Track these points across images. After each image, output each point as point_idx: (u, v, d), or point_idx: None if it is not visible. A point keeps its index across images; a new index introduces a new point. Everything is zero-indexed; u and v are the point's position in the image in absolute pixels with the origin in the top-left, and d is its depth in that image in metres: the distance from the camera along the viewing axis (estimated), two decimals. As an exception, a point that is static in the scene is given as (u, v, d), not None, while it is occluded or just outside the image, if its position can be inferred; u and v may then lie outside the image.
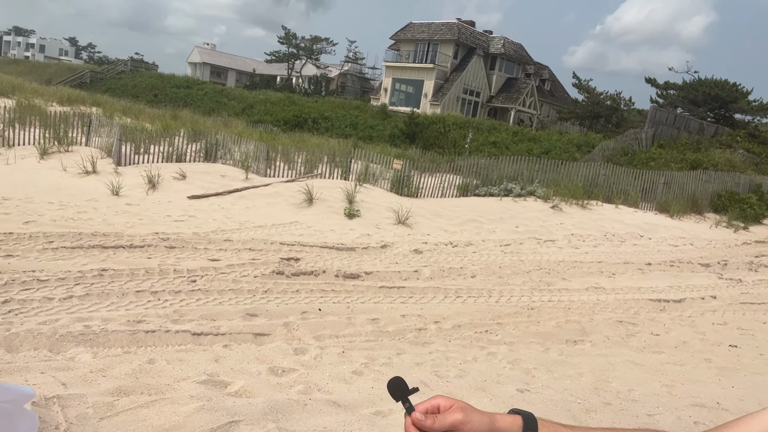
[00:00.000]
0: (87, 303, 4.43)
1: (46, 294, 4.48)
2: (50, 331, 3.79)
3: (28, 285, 4.60)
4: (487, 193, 12.48)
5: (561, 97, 51.24)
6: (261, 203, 9.77)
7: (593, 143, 25.07)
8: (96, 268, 5.25)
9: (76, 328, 3.90)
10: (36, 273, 4.90)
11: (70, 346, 3.63)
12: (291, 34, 56.14)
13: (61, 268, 5.13)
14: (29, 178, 9.53)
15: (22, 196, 8.24)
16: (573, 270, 7.96)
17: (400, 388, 0.93)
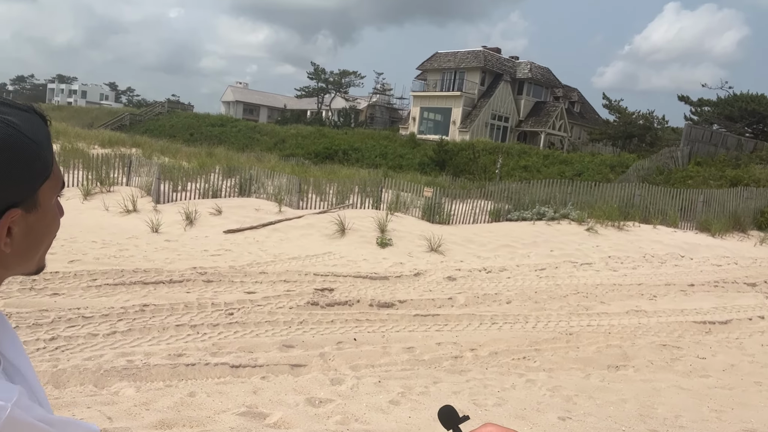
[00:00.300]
0: (130, 338, 4.56)
1: (91, 330, 4.63)
2: (95, 366, 3.91)
3: (74, 322, 4.77)
4: (519, 217, 12.39)
5: (591, 118, 50.78)
6: (294, 235, 9.92)
7: (627, 163, 24.68)
8: (138, 303, 5.40)
9: (120, 363, 4.01)
10: (81, 310, 5.07)
11: (114, 381, 3.73)
12: (320, 70, 57.60)
13: (105, 305, 5.30)
14: (73, 219, 9.92)
15: (66, 236, 8.57)
16: (612, 293, 7.78)
17: (450, 416, 0.94)
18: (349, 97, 60.01)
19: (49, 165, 0.69)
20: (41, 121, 0.68)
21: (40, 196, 0.68)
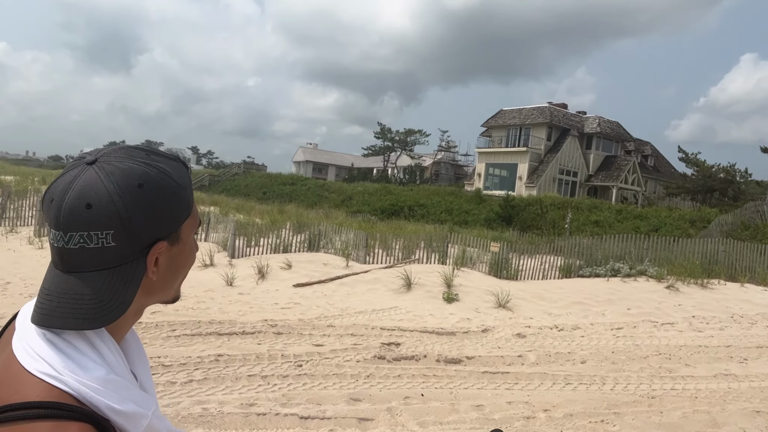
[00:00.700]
0: (205, 387, 4.72)
1: (170, 378, 4.84)
2: (173, 413, 4.07)
3: (154, 370, 5.00)
4: (592, 273, 11.93)
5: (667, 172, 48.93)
6: (361, 289, 10.02)
7: (708, 218, 23.39)
8: (213, 353, 5.61)
9: (196, 411, 4.15)
10: (161, 359, 5.32)
11: (190, 428, 3.86)
12: (386, 129, 59.34)
13: (183, 354, 5.53)
14: (156, 272, 10.53)
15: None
16: (697, 355, 7.25)
17: None
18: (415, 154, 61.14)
19: (191, 205, 0.80)
20: (184, 167, 0.80)
21: (182, 232, 0.79)
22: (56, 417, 0.65)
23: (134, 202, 0.70)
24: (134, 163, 0.73)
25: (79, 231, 0.69)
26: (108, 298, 0.72)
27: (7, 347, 0.75)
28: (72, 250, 0.70)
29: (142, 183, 0.72)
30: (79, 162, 0.73)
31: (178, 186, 0.76)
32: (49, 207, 0.71)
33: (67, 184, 0.70)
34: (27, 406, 0.65)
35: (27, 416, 0.64)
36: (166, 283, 0.80)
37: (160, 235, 0.75)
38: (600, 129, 41.46)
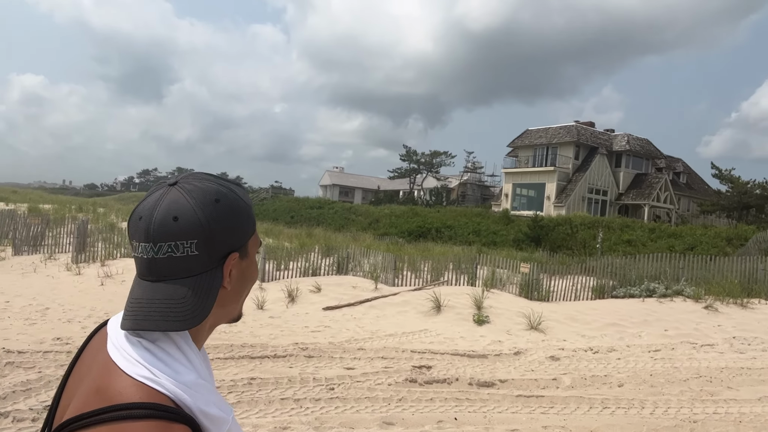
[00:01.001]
0: (239, 410, 4.75)
1: (204, 400, 4.88)
2: (208, 435, 4.10)
3: (189, 392, 5.06)
4: (626, 294, 11.66)
5: (700, 189, 47.83)
6: (390, 312, 9.99)
7: (746, 236, 22.70)
8: (246, 377, 5.65)
9: (230, 433, 4.17)
10: (195, 381, 5.38)
11: (224, 450, 3.88)
12: (411, 151, 59.56)
13: (216, 377, 5.59)
14: (189, 296, 10.69)
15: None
16: (740, 378, 6.99)
17: None
18: (441, 176, 61.13)
19: (254, 222, 0.89)
20: (245, 190, 0.90)
21: (249, 247, 0.88)
22: (160, 418, 0.71)
23: (213, 215, 0.80)
24: (209, 183, 0.83)
25: (168, 241, 0.77)
26: (193, 302, 0.79)
27: (99, 354, 0.82)
28: (161, 259, 0.78)
29: (218, 199, 0.82)
30: (162, 185, 0.83)
31: (246, 204, 0.86)
32: (138, 223, 0.80)
33: (155, 202, 0.80)
34: (133, 406, 0.71)
35: (133, 416, 0.70)
36: (236, 296, 0.88)
37: (233, 247, 0.83)
38: (629, 146, 40.87)
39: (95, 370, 0.79)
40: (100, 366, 0.79)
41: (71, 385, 0.84)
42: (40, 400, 4.58)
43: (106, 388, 0.74)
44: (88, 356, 0.86)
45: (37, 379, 5.06)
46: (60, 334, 7.05)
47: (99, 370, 0.78)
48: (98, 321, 8.09)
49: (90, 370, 0.81)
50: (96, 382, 0.76)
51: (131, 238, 0.81)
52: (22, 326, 7.39)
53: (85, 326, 7.67)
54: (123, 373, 0.75)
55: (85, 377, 0.81)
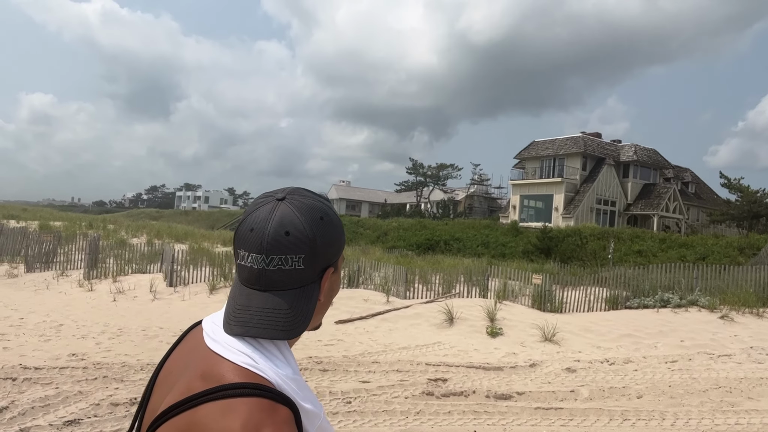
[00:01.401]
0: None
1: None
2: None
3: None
4: (640, 304, 11.56)
5: (709, 198, 47.57)
6: (403, 325, 9.94)
7: (758, 245, 22.51)
8: (261, 390, 5.62)
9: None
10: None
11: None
12: (418, 164, 59.69)
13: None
14: (201, 312, 10.70)
15: (195, 327, 9.24)
16: (760, 388, 6.88)
17: None
18: (447, 188, 61.17)
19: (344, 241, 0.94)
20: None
21: (339, 261, 0.92)
22: (266, 397, 0.75)
23: (319, 232, 0.85)
24: (313, 201, 0.88)
25: (279, 254, 0.82)
26: (298, 313, 0.84)
27: (196, 351, 0.86)
28: (271, 270, 0.82)
29: (323, 216, 0.87)
30: (270, 198, 0.87)
31: (340, 222, 0.92)
32: (248, 235, 0.84)
33: (267, 215, 0.84)
34: (239, 386, 0.75)
35: (241, 394, 0.74)
36: (324, 307, 0.93)
37: (330, 262, 0.88)
38: (636, 157, 40.77)
39: (195, 362, 0.83)
40: (200, 359, 0.83)
41: (161, 383, 0.88)
42: (59, 415, 4.58)
43: (211, 373, 0.78)
44: (181, 356, 0.90)
45: (54, 395, 5.07)
46: (75, 350, 7.07)
47: (200, 362, 0.82)
48: (112, 337, 8.11)
49: (187, 366, 0.84)
50: (199, 370, 0.80)
51: (239, 247, 0.85)
52: (37, 342, 7.41)
53: (99, 342, 7.69)
54: (226, 361, 0.79)
55: (181, 373, 0.84)
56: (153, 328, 8.97)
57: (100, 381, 5.69)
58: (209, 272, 13.67)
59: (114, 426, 4.41)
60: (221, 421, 0.71)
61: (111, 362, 6.58)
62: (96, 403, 4.94)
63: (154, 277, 13.23)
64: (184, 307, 11.21)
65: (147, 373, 6.24)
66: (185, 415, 0.74)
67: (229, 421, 0.71)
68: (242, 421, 0.71)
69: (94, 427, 4.39)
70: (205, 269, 13.89)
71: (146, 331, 8.66)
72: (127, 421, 4.54)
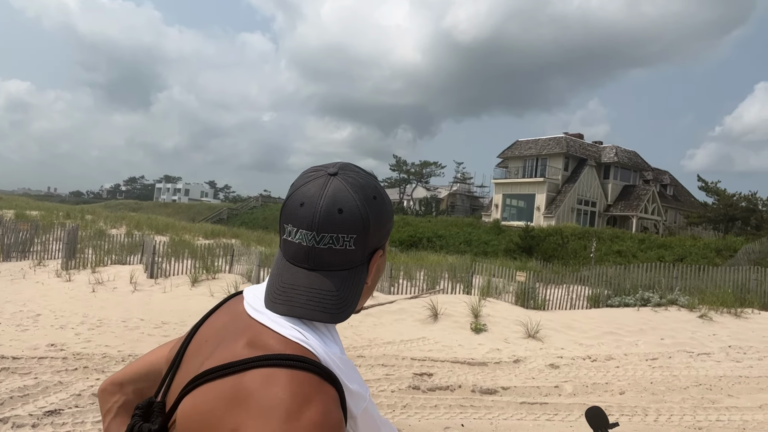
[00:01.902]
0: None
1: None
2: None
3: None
4: (621, 303, 11.71)
5: (687, 201, 48.42)
6: (388, 320, 9.93)
7: (734, 247, 22.99)
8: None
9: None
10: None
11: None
12: (401, 162, 59.73)
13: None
14: (183, 304, 10.56)
15: (177, 320, 9.12)
16: (739, 386, 7.02)
17: (599, 418, 0.90)
18: (430, 186, 61.31)
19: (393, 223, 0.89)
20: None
21: (386, 245, 0.87)
22: (313, 372, 0.71)
23: (372, 212, 0.80)
24: (366, 179, 0.83)
25: (330, 233, 0.77)
26: (345, 296, 0.80)
27: (238, 320, 0.82)
28: (321, 249, 0.78)
29: (376, 196, 0.82)
30: (321, 173, 0.82)
31: (391, 202, 0.86)
32: (299, 209, 0.79)
33: (319, 190, 0.79)
34: (287, 357, 0.72)
35: (287, 365, 0.71)
36: (369, 291, 0.87)
37: (380, 244, 0.84)
38: (617, 158, 41.32)
39: (238, 331, 0.79)
40: (243, 328, 0.79)
41: (195, 351, 0.84)
42: (38, 405, 4.47)
43: (258, 342, 0.74)
44: (218, 324, 0.86)
45: (34, 385, 4.94)
46: (54, 340, 6.92)
47: (245, 330, 0.78)
48: (92, 327, 7.95)
49: (228, 334, 0.80)
50: (245, 338, 0.76)
51: (286, 222, 0.81)
52: (15, 332, 7.24)
53: (78, 332, 7.53)
54: (274, 332, 0.76)
55: (219, 341, 0.80)
56: (133, 319, 8.82)
57: (80, 371, 5.57)
58: (191, 265, 13.49)
59: (96, 417, 4.31)
60: (268, 389, 0.68)
61: (91, 353, 6.45)
62: (77, 393, 4.83)
63: (134, 269, 13.02)
64: (165, 299, 11.05)
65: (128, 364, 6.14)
66: (229, 379, 0.70)
67: (276, 389, 0.68)
68: (291, 392, 0.68)
69: (76, 417, 4.29)
70: (187, 261, 13.71)
71: (126, 323, 8.51)
72: (110, 412, 4.45)
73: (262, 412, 0.66)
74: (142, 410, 0.82)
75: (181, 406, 0.74)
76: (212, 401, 0.70)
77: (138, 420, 0.81)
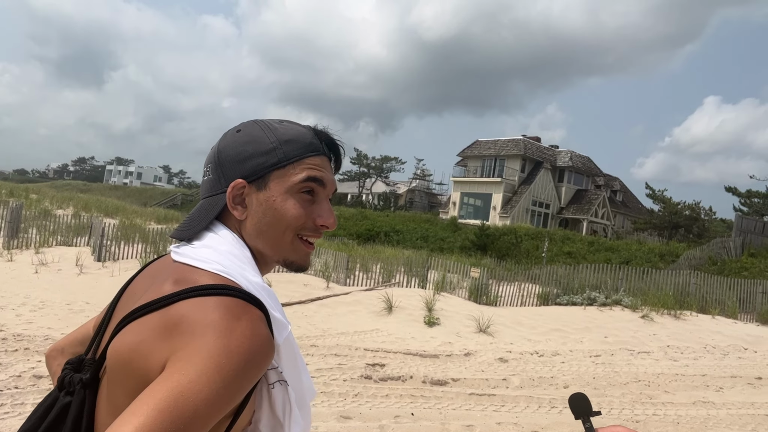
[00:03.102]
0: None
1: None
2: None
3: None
4: (569, 302, 12.10)
5: (635, 207, 50.26)
6: (342, 311, 9.94)
7: (676, 252, 24.07)
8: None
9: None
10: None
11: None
12: (362, 155, 59.58)
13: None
14: (131, 288, 10.26)
15: (125, 303, 8.86)
16: (675, 383, 7.39)
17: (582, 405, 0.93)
18: (390, 181, 61.47)
19: (285, 159, 0.92)
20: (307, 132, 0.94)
21: (270, 181, 0.88)
22: (243, 298, 0.74)
23: (226, 142, 0.89)
24: (252, 123, 0.91)
25: (205, 166, 0.91)
26: (193, 217, 0.88)
27: (162, 270, 0.84)
28: (203, 181, 0.92)
29: (240, 129, 0.90)
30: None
31: (268, 139, 0.87)
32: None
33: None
34: (212, 286, 0.74)
35: (219, 293, 0.73)
36: (264, 228, 0.87)
37: (241, 174, 0.86)
38: (572, 163, 42.53)
39: (164, 275, 0.80)
40: (169, 271, 0.81)
41: (123, 304, 0.86)
42: (-27, 386, 4.27)
43: (183, 279, 0.77)
44: (144, 278, 0.88)
45: (-31, 366, 4.72)
46: (-8, 321, 6.61)
47: (170, 273, 0.80)
48: (33, 309, 7.65)
49: (153, 282, 0.81)
50: (171, 278, 0.78)
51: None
52: (-51, 311, 6.88)
53: (19, 314, 7.22)
54: (197, 269, 0.79)
55: (147, 288, 0.81)
56: (78, 302, 8.52)
57: (21, 353, 5.35)
58: (142, 249, 13.12)
59: (37, 398, 4.16)
60: (198, 313, 0.70)
61: (33, 335, 6.20)
62: (17, 375, 4.64)
63: (80, 251, 12.56)
64: (113, 282, 10.70)
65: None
66: (158, 312, 0.72)
67: (205, 312, 0.70)
68: (220, 313, 0.70)
69: (15, 399, 4.13)
70: (138, 245, 13.32)
71: (71, 306, 8.21)
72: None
73: (195, 334, 0.68)
74: (72, 365, 0.83)
75: (111, 346, 0.74)
76: (142, 333, 0.71)
77: (68, 372, 0.81)
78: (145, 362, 0.69)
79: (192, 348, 0.66)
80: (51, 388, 3.73)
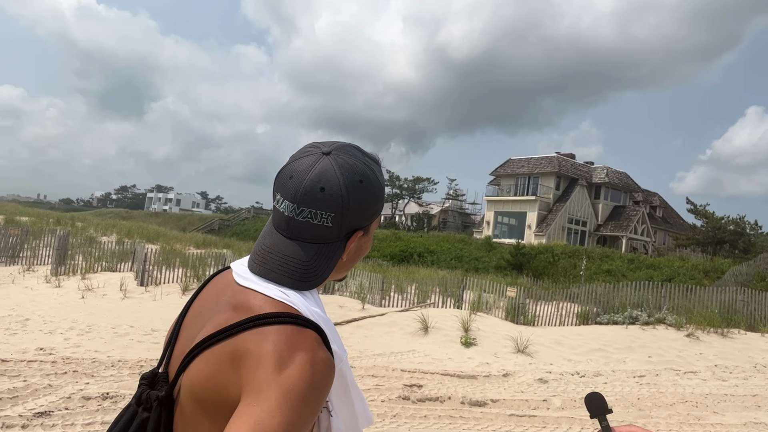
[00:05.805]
0: None
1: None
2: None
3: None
4: (610, 320, 11.80)
5: (676, 223, 48.88)
6: (378, 332, 9.94)
7: (722, 269, 23.22)
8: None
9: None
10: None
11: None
12: (394, 177, 59.87)
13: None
14: (173, 312, 10.51)
15: (167, 327, 9.08)
16: (724, 404, 7.10)
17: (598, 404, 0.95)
18: (423, 202, 61.47)
19: (383, 205, 0.98)
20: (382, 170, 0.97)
21: (372, 225, 0.94)
22: (294, 324, 0.80)
23: (354, 195, 0.85)
24: (358, 162, 0.88)
25: (310, 208, 0.84)
26: (315, 268, 0.87)
27: (226, 290, 0.90)
28: (299, 221, 0.85)
29: (363, 180, 0.87)
30: (316, 150, 0.88)
31: (381, 187, 0.92)
32: (287, 181, 0.86)
33: (308, 167, 0.85)
34: (270, 315, 0.80)
35: (278, 322, 0.79)
36: (348, 265, 0.95)
37: (361, 225, 0.90)
38: (608, 179, 41.75)
39: (227, 299, 0.86)
40: (231, 294, 0.86)
41: (190, 323, 0.91)
42: (28, 407, 4.45)
43: (244, 305, 0.82)
44: (209, 297, 0.93)
45: (23, 387, 4.93)
46: (43, 345, 6.88)
47: (232, 297, 0.86)
48: (81, 333, 7.92)
49: (218, 304, 0.88)
50: (232, 304, 0.84)
51: (277, 190, 0.88)
52: (3, 336, 7.19)
53: (68, 337, 7.50)
54: (258, 293, 0.84)
55: (212, 311, 0.87)
56: (123, 326, 8.78)
57: (69, 375, 5.55)
58: (182, 273, 13.45)
59: (86, 419, 4.31)
60: (262, 345, 0.76)
61: (81, 357, 6.42)
62: (67, 396, 4.82)
63: (124, 276, 12.96)
64: (156, 306, 11.00)
65: (118, 370, 6.12)
66: (226, 342, 0.79)
67: (268, 344, 0.76)
68: (281, 343, 0.76)
69: (66, 420, 4.29)
70: (178, 270, 13.67)
71: (116, 329, 8.47)
72: (100, 414, 4.44)
73: (260, 365, 0.74)
74: (147, 380, 0.89)
75: (186, 373, 0.82)
76: (214, 363, 0.78)
77: (145, 388, 0.88)
78: (223, 390, 0.76)
79: (260, 381, 0.73)
80: (98, 409, 3.85)
